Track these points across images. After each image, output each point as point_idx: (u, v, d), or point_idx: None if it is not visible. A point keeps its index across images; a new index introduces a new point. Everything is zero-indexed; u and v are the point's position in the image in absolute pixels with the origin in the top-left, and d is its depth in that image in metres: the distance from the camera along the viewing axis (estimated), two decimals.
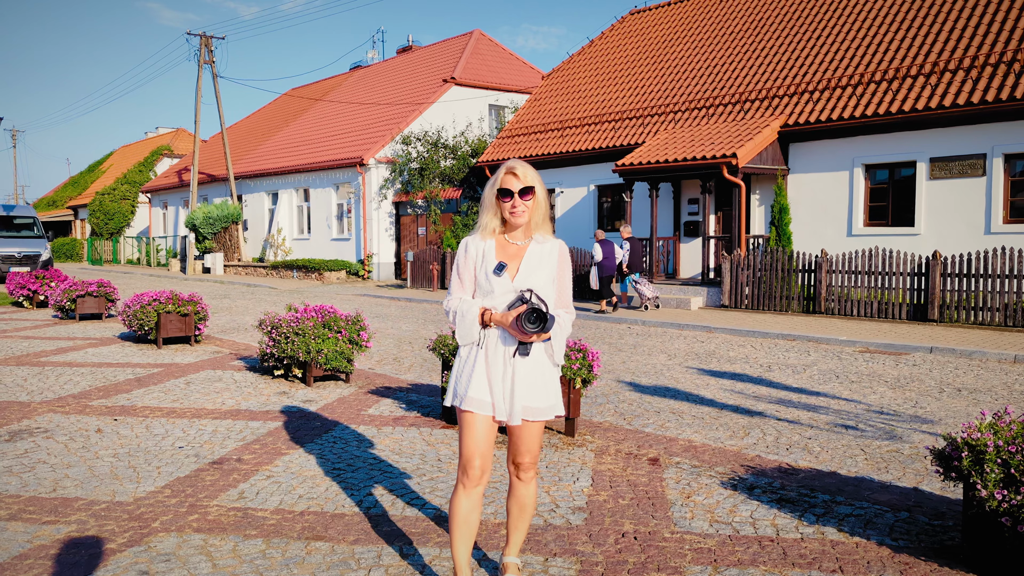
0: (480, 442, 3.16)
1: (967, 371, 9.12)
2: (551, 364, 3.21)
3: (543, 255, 3.19)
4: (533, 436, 3.23)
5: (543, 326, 2.99)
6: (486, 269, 3.16)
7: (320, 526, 4.17)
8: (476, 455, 3.16)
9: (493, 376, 3.13)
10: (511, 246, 3.22)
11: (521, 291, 3.10)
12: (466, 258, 3.22)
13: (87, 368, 9.03)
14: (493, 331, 3.14)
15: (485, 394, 3.13)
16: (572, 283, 3.35)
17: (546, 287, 3.16)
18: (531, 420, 3.17)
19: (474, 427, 3.16)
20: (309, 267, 27.15)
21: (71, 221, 55.97)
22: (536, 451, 3.25)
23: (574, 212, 22.12)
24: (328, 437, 5.98)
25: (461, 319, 3.15)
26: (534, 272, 3.15)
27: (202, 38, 32.58)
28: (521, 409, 3.12)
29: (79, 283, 14.21)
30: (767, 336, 12.20)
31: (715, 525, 4.18)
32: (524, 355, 3.11)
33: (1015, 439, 3.51)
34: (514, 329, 3.05)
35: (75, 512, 4.37)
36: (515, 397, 3.11)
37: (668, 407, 7.22)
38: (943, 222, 15.02)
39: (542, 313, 2.99)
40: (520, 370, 3.12)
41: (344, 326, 8.00)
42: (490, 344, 3.15)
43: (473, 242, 3.23)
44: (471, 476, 3.18)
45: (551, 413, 3.19)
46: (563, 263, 3.25)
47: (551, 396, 3.20)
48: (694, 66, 20.71)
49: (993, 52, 14.69)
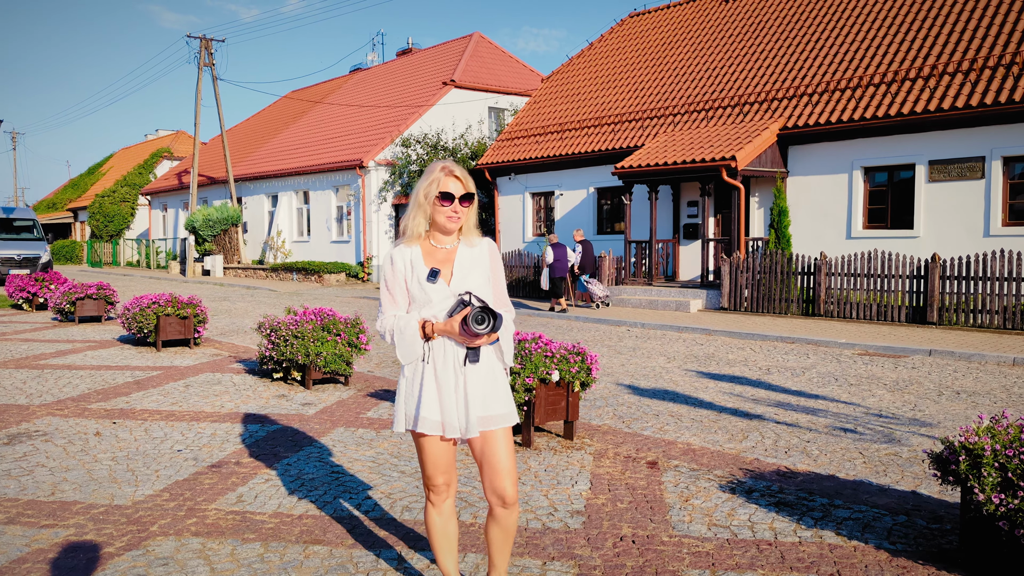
0: (440, 460, 3.04)
1: (966, 374, 9.13)
2: (501, 368, 3.07)
3: (475, 256, 3.04)
4: (503, 450, 3.01)
5: (493, 324, 2.84)
6: (418, 278, 2.98)
7: (318, 529, 4.17)
8: (438, 472, 3.06)
9: (444, 390, 2.96)
10: (439, 251, 3.05)
11: (460, 295, 2.94)
12: (393, 271, 3.03)
13: (86, 371, 9.03)
14: (437, 342, 2.97)
15: (436, 413, 2.96)
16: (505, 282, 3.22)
17: (483, 288, 3.00)
18: (491, 429, 2.99)
19: (431, 448, 3.03)
20: (309, 269, 27.15)
21: (71, 223, 55.98)
22: (514, 471, 3.02)
23: (573, 214, 22.12)
24: (327, 440, 5.98)
25: (400, 336, 2.96)
26: (469, 274, 3.00)
27: (202, 40, 32.61)
28: (477, 420, 2.96)
29: (78, 286, 14.21)
30: (766, 339, 12.20)
31: (713, 529, 4.18)
32: (475, 361, 2.96)
33: (1012, 443, 3.52)
34: (462, 334, 2.89)
35: (73, 516, 4.37)
36: (469, 408, 2.95)
37: (667, 410, 7.22)
38: (942, 225, 15.03)
39: (490, 310, 2.84)
40: (472, 379, 2.97)
41: (343, 329, 8.01)
42: (436, 357, 2.97)
43: (398, 253, 3.03)
44: (437, 492, 3.10)
45: (511, 419, 3.03)
46: (495, 262, 3.12)
47: (507, 402, 3.04)
48: (693, 69, 20.73)
49: (992, 55, 14.71)
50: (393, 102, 30.48)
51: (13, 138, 65.11)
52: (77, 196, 55.29)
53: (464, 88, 28.95)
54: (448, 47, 33.39)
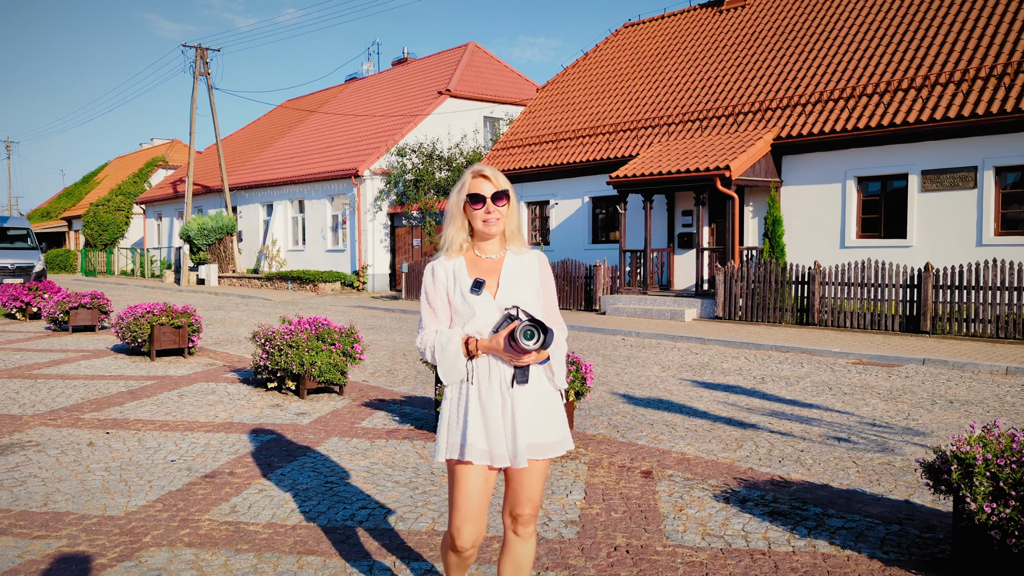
0: (474, 501, 2.73)
1: (959, 383, 9.16)
2: (553, 389, 2.79)
3: (523, 267, 2.79)
4: (536, 480, 2.77)
5: (543, 340, 2.57)
6: (461, 290, 2.73)
7: (312, 540, 4.17)
8: (468, 520, 2.73)
9: (490, 415, 2.69)
10: (484, 261, 2.80)
11: (507, 309, 2.68)
12: (434, 284, 2.80)
13: (80, 381, 9.00)
14: (482, 360, 2.71)
15: (482, 440, 2.69)
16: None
17: (531, 302, 2.75)
18: (539, 459, 2.73)
19: (469, 482, 2.72)
20: (304, 278, 27.13)
21: (65, 232, 55.87)
22: (538, 500, 2.80)
23: (568, 224, 22.17)
24: (321, 450, 5.97)
25: (442, 353, 2.71)
26: (517, 286, 2.75)
27: (197, 50, 32.67)
28: (526, 448, 2.69)
29: (72, 295, 14.18)
30: (760, 348, 12.22)
31: (707, 538, 4.19)
32: (523, 382, 2.68)
33: (1003, 452, 3.54)
34: (508, 351, 2.62)
35: (66, 527, 4.36)
36: (518, 434, 2.67)
37: (661, 419, 7.23)
38: (935, 234, 15.10)
39: (540, 324, 2.57)
40: (520, 402, 2.69)
41: (338, 338, 8.00)
42: (481, 377, 2.71)
43: (440, 264, 2.81)
44: (460, 547, 2.76)
45: (561, 448, 2.75)
46: (546, 275, 2.86)
47: (559, 428, 2.76)
48: (687, 79, 20.83)
49: (984, 65, 14.81)
50: (388, 111, 30.55)
51: (7, 147, 65.07)
52: (71, 205, 55.22)
53: (459, 97, 29.04)
54: (443, 57, 33.50)
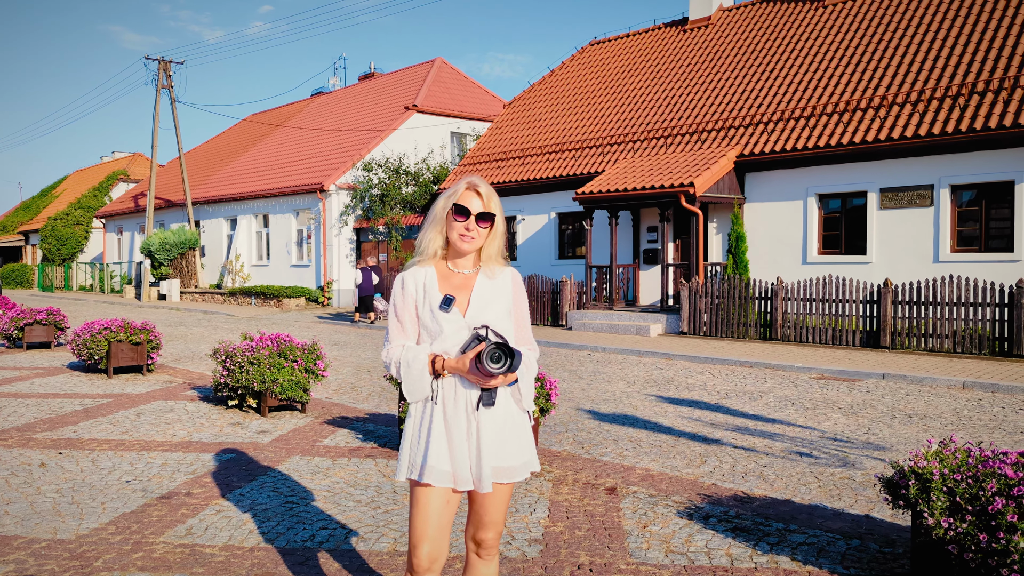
0: (434, 522, 2.65)
1: (918, 397, 9.30)
2: (520, 411, 2.73)
3: (496, 286, 2.73)
4: (500, 504, 2.72)
5: (510, 363, 2.52)
6: (430, 305, 2.66)
7: (270, 562, 4.08)
8: (426, 540, 2.64)
9: (454, 437, 2.63)
10: (456, 275, 2.74)
11: (475, 329, 2.63)
12: (403, 296, 2.72)
13: (33, 399, 8.76)
14: (448, 380, 2.65)
15: (445, 462, 2.62)
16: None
17: (502, 321, 2.69)
18: (503, 482, 2.68)
19: (430, 503, 2.65)
20: (268, 294, 26.80)
21: (22, 247, 54.63)
22: (502, 524, 2.76)
23: (535, 239, 22.22)
24: (282, 469, 5.87)
25: (407, 370, 2.64)
26: (488, 305, 2.68)
27: (160, 63, 32.28)
28: (491, 471, 2.63)
29: (27, 311, 13.84)
30: (725, 363, 12.32)
31: (671, 555, 4.18)
32: (489, 404, 2.63)
33: (960, 467, 3.58)
34: (474, 373, 2.57)
35: (14, 551, 4.21)
36: (483, 458, 2.62)
37: (626, 435, 7.23)
38: (894, 251, 15.39)
39: (507, 347, 2.52)
40: (486, 424, 2.63)
41: (300, 355, 7.90)
42: (446, 397, 2.65)
43: (411, 275, 2.73)
44: (417, 566, 2.66)
45: (526, 471, 2.70)
46: (519, 293, 2.80)
47: (525, 451, 2.70)
48: (653, 96, 21.06)
49: (939, 86, 15.19)
50: (355, 126, 30.43)
51: None
52: (29, 219, 54.02)
53: (426, 113, 29.03)
54: (410, 72, 33.51)
